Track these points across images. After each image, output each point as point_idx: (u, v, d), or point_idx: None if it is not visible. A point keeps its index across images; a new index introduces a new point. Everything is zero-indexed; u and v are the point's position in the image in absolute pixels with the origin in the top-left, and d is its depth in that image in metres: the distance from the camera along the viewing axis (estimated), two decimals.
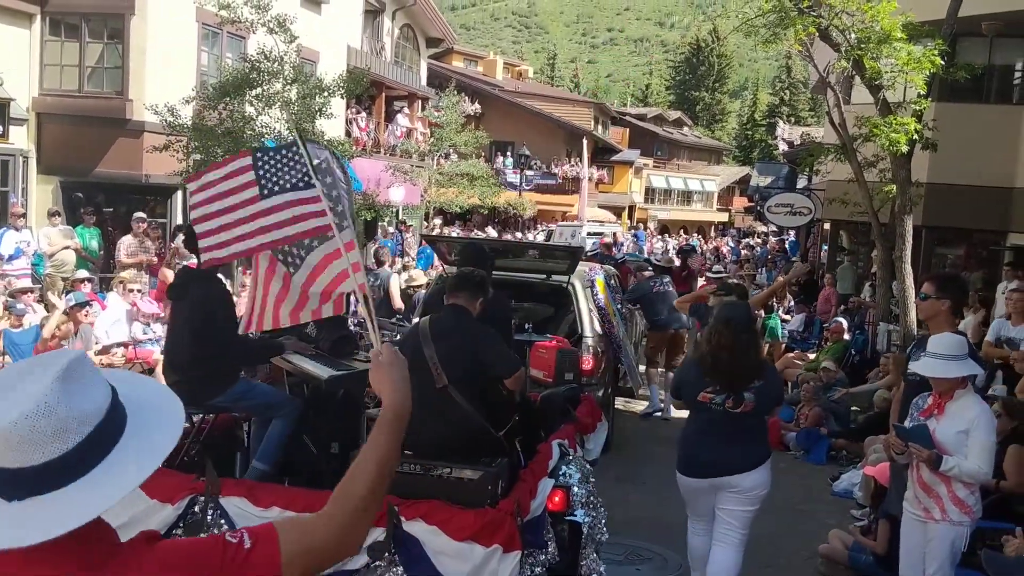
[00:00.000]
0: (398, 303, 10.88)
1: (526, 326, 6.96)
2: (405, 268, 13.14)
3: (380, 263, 11.47)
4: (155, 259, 12.98)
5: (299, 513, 3.53)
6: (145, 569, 1.48)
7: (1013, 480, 6.02)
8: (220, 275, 5.48)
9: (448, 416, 4.47)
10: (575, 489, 4.72)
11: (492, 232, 27.40)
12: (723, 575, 5.16)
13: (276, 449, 5.04)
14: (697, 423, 5.27)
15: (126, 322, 9.92)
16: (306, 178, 4.07)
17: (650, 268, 13.17)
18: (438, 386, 4.55)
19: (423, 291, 11.15)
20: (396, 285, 10.84)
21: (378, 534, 3.95)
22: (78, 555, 1.44)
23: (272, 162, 4.11)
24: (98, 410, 1.47)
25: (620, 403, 10.70)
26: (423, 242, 19.52)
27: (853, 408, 10.29)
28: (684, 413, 5.83)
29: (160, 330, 10.22)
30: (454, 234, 23.21)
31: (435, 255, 15.48)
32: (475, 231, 27.45)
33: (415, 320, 7.30)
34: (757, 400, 5.08)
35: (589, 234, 26.45)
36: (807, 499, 8.21)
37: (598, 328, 8.44)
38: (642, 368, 11.14)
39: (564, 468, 4.76)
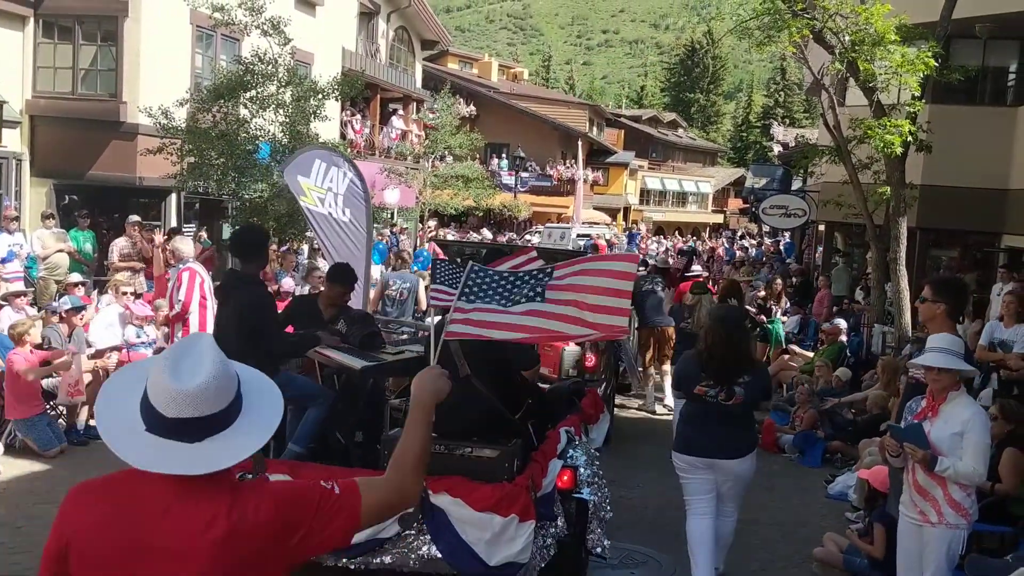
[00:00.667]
0: (424, 305, 11.73)
1: None
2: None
3: (403, 262, 12.54)
4: (148, 260, 12.95)
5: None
6: (264, 499, 1.95)
7: (1008, 483, 6.02)
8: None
9: (470, 402, 4.89)
10: (581, 470, 5.30)
11: (487, 234, 27.39)
12: (728, 534, 5.88)
13: (311, 434, 5.60)
14: (693, 411, 5.74)
15: (119, 325, 9.88)
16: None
17: (644, 268, 13.55)
18: (461, 376, 4.95)
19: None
20: (423, 288, 11.76)
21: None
22: (218, 486, 1.91)
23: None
24: (236, 374, 1.98)
25: (617, 401, 10.73)
26: (418, 245, 19.59)
27: (852, 410, 10.28)
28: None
29: (152, 332, 10.18)
30: (450, 236, 23.23)
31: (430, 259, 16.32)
32: (471, 233, 27.44)
33: (430, 318, 7.68)
34: (746, 393, 5.55)
35: (578, 235, 26.51)
36: (802, 502, 8.20)
37: None
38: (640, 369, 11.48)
39: (571, 451, 5.35)
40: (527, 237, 27.43)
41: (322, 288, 7.74)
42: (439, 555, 4.66)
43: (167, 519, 1.87)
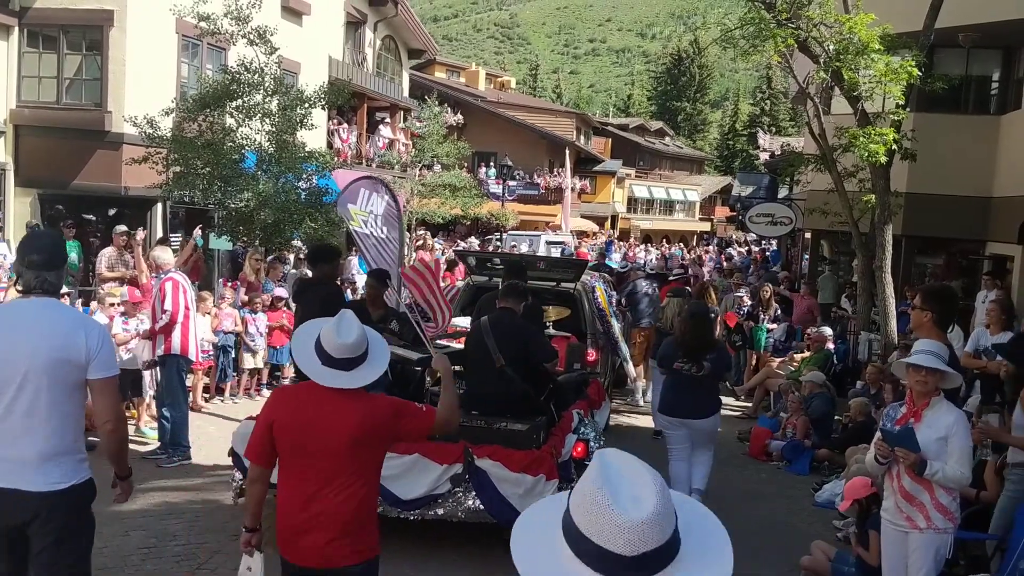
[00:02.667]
0: None
1: (546, 324, 8.51)
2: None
3: None
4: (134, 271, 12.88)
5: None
6: (386, 402, 3.64)
7: (993, 490, 6.03)
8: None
9: (504, 387, 6.36)
10: (591, 443, 6.47)
11: (475, 243, 27.37)
12: (702, 477, 7.56)
13: None
14: (672, 383, 7.57)
15: None
16: None
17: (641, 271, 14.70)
18: (497, 366, 6.37)
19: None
20: None
21: (457, 468, 5.93)
22: (358, 393, 3.50)
23: None
24: (366, 332, 3.62)
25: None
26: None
27: (836, 418, 10.29)
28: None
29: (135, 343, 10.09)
30: (437, 244, 23.25)
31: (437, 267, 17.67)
32: (459, 242, 27.41)
33: (456, 318, 9.53)
34: (712, 367, 7.39)
35: (547, 243, 26.87)
36: (789, 510, 8.20)
37: (599, 327, 9.84)
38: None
39: (582, 428, 6.57)
40: (512, 244, 27.37)
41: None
42: (482, 507, 5.91)
43: (330, 405, 3.46)
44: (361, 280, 15.37)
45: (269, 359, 11.69)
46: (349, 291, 14.98)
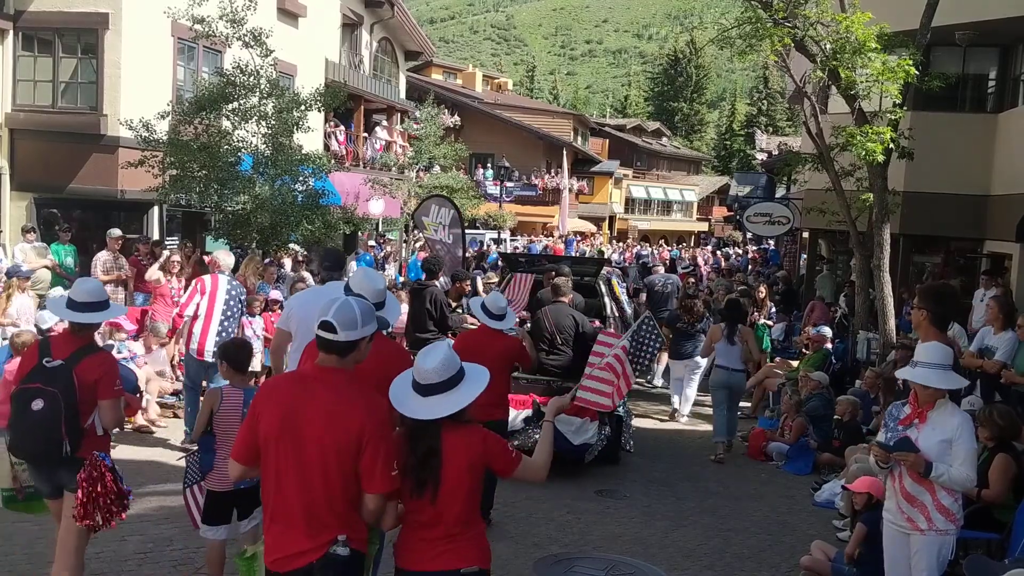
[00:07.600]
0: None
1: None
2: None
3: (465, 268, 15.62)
4: (130, 274, 12.87)
5: None
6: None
7: (997, 489, 5.99)
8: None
9: (560, 357, 8.82)
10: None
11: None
12: (691, 397, 11.93)
13: None
14: (676, 337, 11.79)
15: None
16: None
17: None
18: (552, 340, 8.78)
19: (495, 288, 16.39)
20: (481, 284, 15.29)
21: (527, 412, 8.41)
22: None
23: None
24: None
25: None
26: (407, 255, 19.65)
27: (836, 417, 10.25)
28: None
29: (136, 347, 10.06)
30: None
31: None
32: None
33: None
34: (700, 326, 11.56)
35: (493, 240, 28.14)
36: (789, 510, 8.18)
37: (615, 312, 11.87)
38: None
39: None
40: (512, 245, 27.43)
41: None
42: None
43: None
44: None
45: (266, 362, 11.65)
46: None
